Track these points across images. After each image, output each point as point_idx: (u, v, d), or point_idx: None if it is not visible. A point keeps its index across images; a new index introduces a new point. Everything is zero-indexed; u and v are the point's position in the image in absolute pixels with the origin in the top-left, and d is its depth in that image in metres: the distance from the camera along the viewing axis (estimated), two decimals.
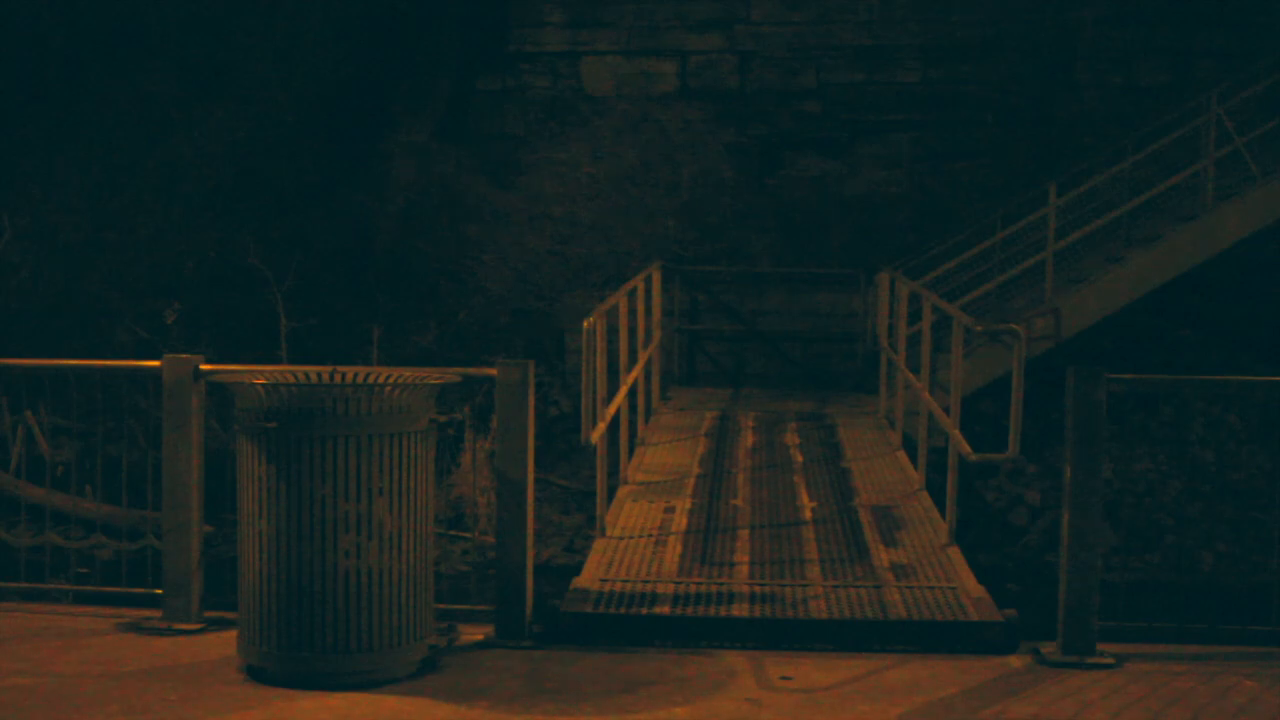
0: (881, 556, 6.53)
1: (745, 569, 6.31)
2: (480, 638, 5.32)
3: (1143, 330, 12.23)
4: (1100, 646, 5.13)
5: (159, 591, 5.59)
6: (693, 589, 5.93)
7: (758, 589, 5.94)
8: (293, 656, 4.69)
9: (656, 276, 10.84)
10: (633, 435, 9.13)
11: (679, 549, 6.66)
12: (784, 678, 4.89)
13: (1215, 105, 11.63)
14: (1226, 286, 12.34)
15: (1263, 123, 11.78)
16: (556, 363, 13.00)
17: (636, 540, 6.85)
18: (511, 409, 5.30)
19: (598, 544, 6.79)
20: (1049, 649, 5.18)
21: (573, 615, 5.56)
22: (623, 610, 5.62)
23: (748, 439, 9.81)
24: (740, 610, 5.62)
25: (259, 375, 4.96)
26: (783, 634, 5.44)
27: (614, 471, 7.97)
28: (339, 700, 4.57)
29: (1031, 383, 7.00)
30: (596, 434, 6.73)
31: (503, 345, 13.01)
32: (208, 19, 14.20)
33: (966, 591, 5.85)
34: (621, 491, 7.99)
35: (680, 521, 7.26)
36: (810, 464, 8.93)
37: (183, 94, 13.99)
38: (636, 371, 8.91)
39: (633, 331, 8.95)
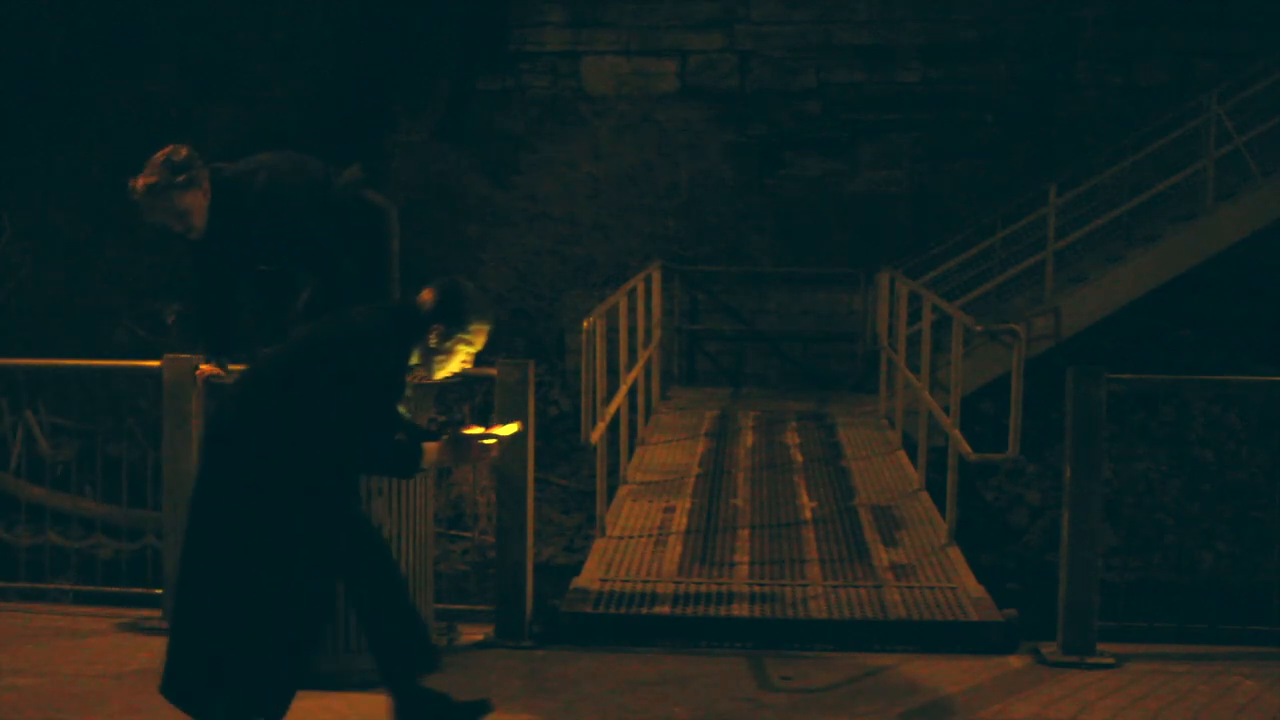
0: (881, 556, 6.53)
1: (745, 569, 6.31)
2: (480, 638, 5.32)
3: (1143, 330, 12.23)
4: (1100, 646, 5.12)
5: (159, 591, 5.58)
6: (693, 589, 5.93)
7: (758, 589, 5.94)
8: None
9: (656, 276, 10.84)
10: (633, 435, 9.13)
11: (679, 549, 6.66)
12: (784, 678, 4.88)
13: (1215, 105, 11.63)
14: (1226, 286, 12.34)
15: (1263, 123, 11.79)
16: (556, 363, 13.00)
17: (636, 540, 6.85)
18: (511, 409, 5.30)
19: (598, 544, 6.79)
20: (1049, 649, 5.18)
21: (573, 615, 5.56)
22: (623, 610, 5.62)
23: (748, 439, 9.82)
24: (740, 610, 5.62)
25: None
26: (783, 634, 5.44)
27: (614, 471, 7.97)
28: (339, 700, 4.56)
29: (1031, 382, 7.00)
30: (596, 434, 6.73)
31: (503, 345, 13.01)
32: (208, 19, 14.20)
33: (966, 591, 5.85)
34: (621, 491, 7.99)
35: (680, 521, 7.26)
36: (810, 464, 8.93)
37: (183, 94, 13.98)
38: (636, 371, 8.91)
39: (633, 331, 8.95)
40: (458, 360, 4.03)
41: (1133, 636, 5.32)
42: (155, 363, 5.56)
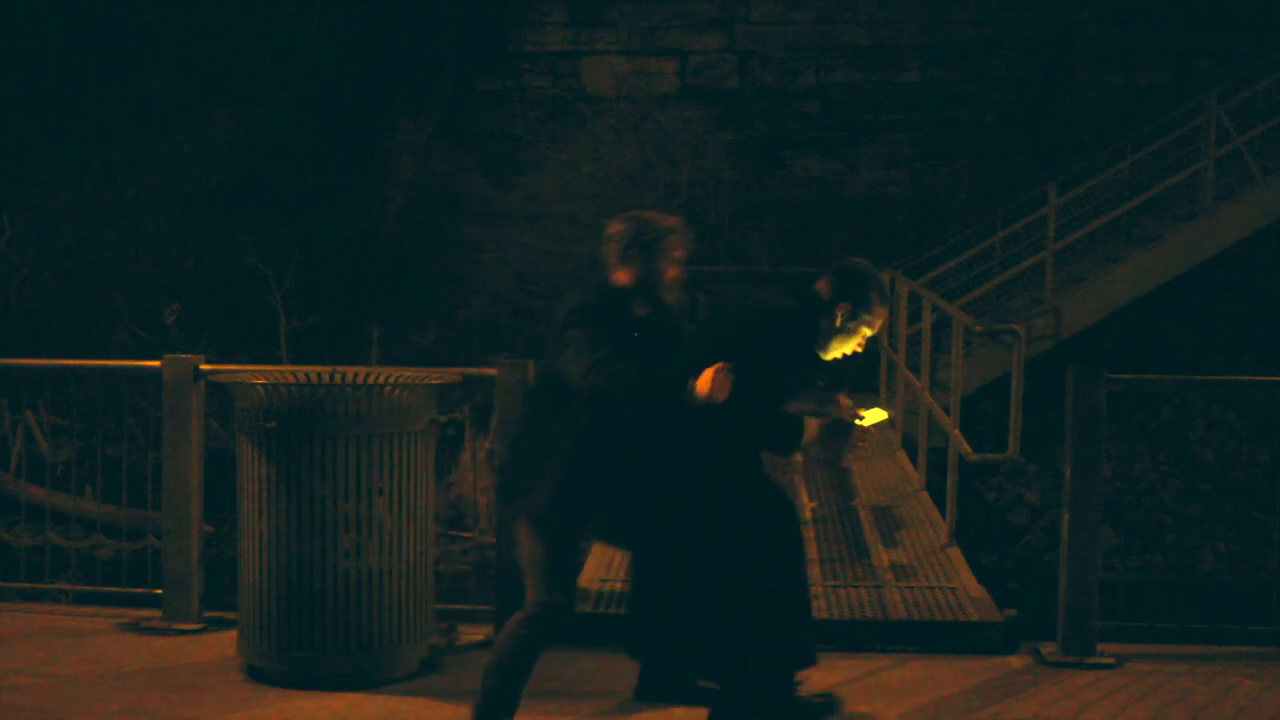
0: (882, 556, 6.53)
1: None
2: (480, 638, 5.32)
3: (1143, 330, 12.22)
4: (1100, 646, 5.12)
5: (159, 591, 5.58)
6: None
7: None
8: (293, 656, 4.69)
9: None
10: None
11: None
12: None
13: (1215, 105, 11.63)
14: (1226, 286, 12.33)
15: (1263, 122, 11.78)
16: None
17: None
18: (512, 409, 5.29)
19: (598, 544, 6.78)
20: (1049, 649, 5.18)
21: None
22: (623, 610, 5.60)
23: None
24: None
25: (259, 375, 4.96)
26: None
27: None
28: (339, 700, 4.56)
29: (1031, 383, 6.99)
30: None
31: (503, 345, 13.00)
32: (207, 19, 14.20)
33: (966, 591, 5.85)
34: None
35: None
36: (810, 464, 8.92)
37: (183, 94, 13.98)
38: None
39: None
40: (854, 341, 3.98)
41: (1133, 636, 5.31)
42: (155, 363, 5.56)
